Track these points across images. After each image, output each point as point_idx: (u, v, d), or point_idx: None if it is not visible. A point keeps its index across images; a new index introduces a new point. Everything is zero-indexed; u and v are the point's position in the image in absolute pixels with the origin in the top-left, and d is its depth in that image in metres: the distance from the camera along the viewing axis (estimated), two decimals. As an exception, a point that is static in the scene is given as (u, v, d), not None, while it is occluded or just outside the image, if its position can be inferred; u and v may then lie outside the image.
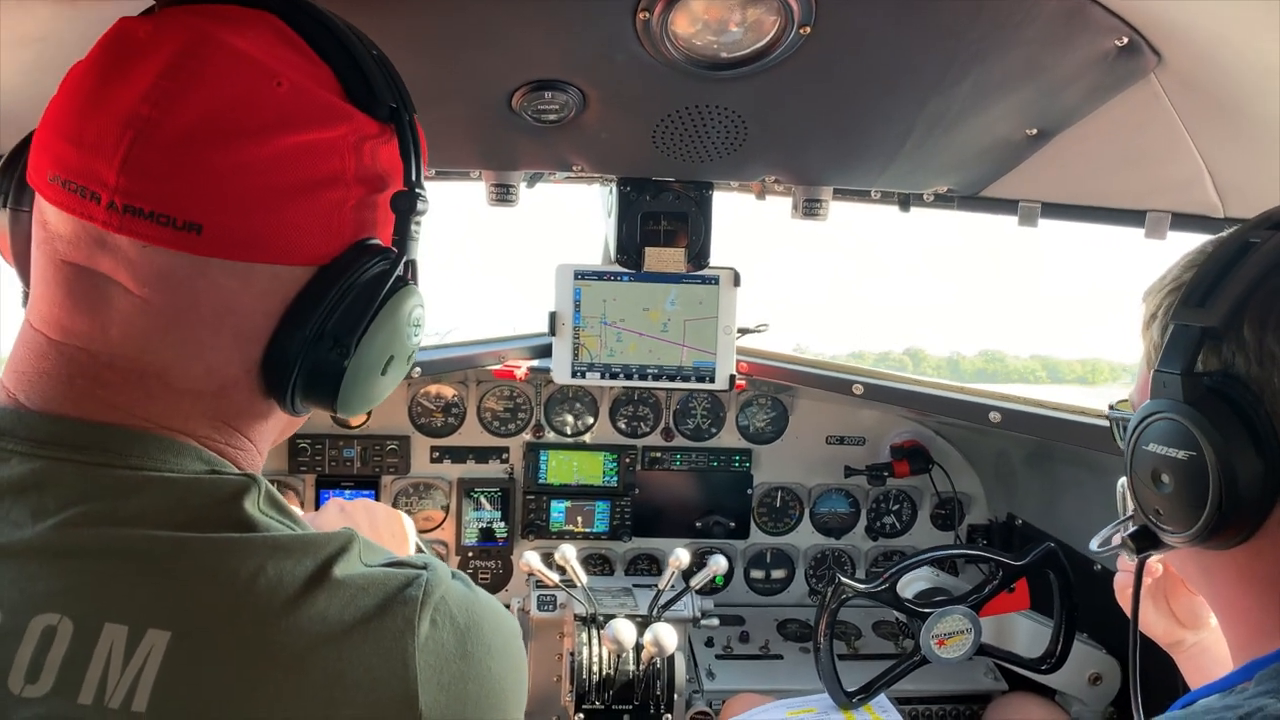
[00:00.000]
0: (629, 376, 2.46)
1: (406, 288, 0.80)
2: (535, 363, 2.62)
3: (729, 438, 2.91)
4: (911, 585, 2.40)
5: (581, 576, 2.28)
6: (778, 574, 3.00)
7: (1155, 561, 1.30)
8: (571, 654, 2.24)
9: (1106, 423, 2.20)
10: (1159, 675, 1.23)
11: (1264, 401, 0.76)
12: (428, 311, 0.86)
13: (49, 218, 0.73)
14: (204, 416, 0.76)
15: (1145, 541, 0.91)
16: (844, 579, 2.04)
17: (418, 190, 0.80)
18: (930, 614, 2.06)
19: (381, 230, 0.80)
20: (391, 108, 0.79)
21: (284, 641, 0.66)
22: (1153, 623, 1.32)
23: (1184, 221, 1.69)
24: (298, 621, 0.66)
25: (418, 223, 0.81)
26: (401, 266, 0.79)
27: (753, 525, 2.95)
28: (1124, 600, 1.32)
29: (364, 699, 0.66)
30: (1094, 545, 1.13)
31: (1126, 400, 0.99)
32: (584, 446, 2.86)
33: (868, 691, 2.09)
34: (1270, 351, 0.76)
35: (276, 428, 0.85)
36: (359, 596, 0.69)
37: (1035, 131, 1.59)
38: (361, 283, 0.76)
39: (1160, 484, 0.83)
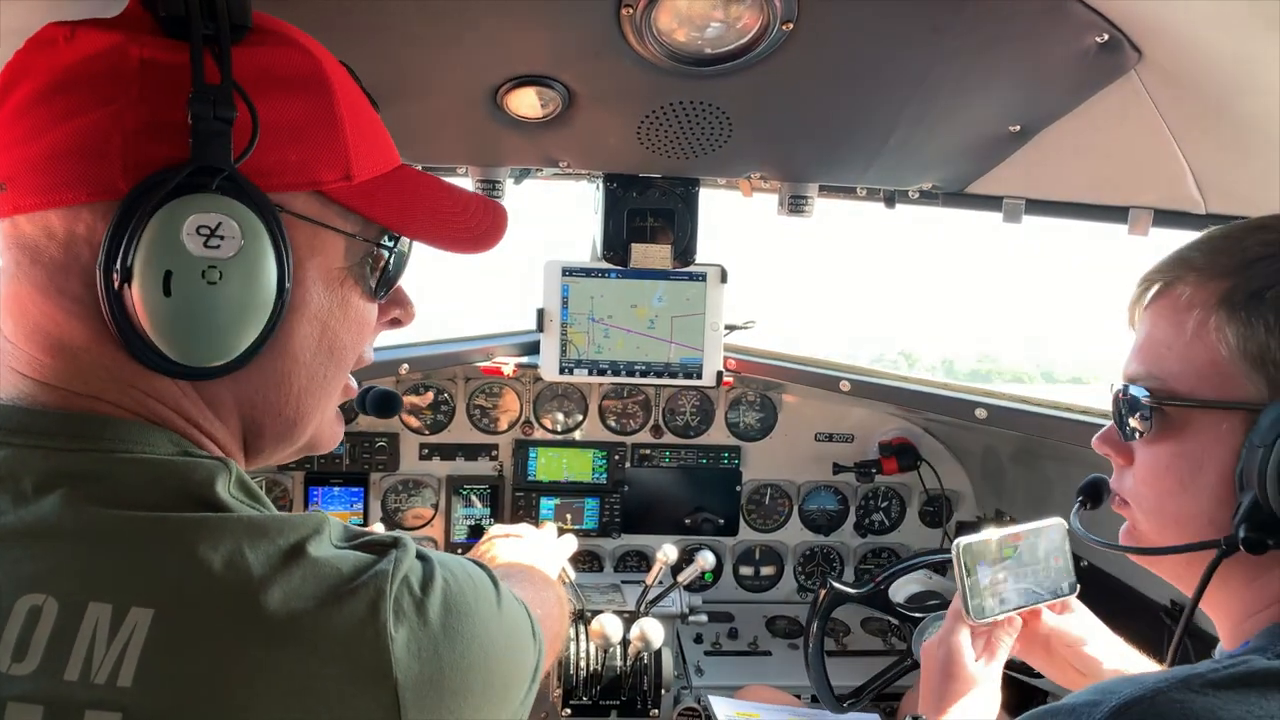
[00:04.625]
0: (616, 373, 2.46)
1: (186, 196, 0.72)
2: (523, 359, 2.62)
3: (718, 435, 2.91)
4: (904, 588, 2.39)
5: (570, 573, 2.27)
6: (766, 571, 3.00)
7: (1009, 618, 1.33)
8: (559, 650, 2.24)
9: (1092, 418, 2.20)
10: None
11: None
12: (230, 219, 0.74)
13: None
14: (118, 385, 0.76)
15: (1273, 536, 0.81)
16: (835, 584, 2.03)
17: (201, 90, 0.72)
18: (923, 618, 2.05)
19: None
20: (179, 20, 0.74)
21: (261, 616, 0.67)
22: (1058, 674, 1.34)
23: (1166, 218, 1.70)
24: (273, 597, 0.68)
25: (213, 126, 0.73)
26: (207, 176, 0.73)
27: (742, 522, 2.95)
28: (930, 663, 1.33)
29: (339, 669, 0.68)
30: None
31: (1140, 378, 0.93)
32: (573, 443, 2.86)
33: (859, 696, 2.08)
34: None
35: (225, 409, 0.82)
36: (332, 573, 0.71)
37: (1018, 128, 1.60)
38: (140, 199, 0.72)
39: None
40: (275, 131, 0.77)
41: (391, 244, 0.89)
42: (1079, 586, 1.39)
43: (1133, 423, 0.94)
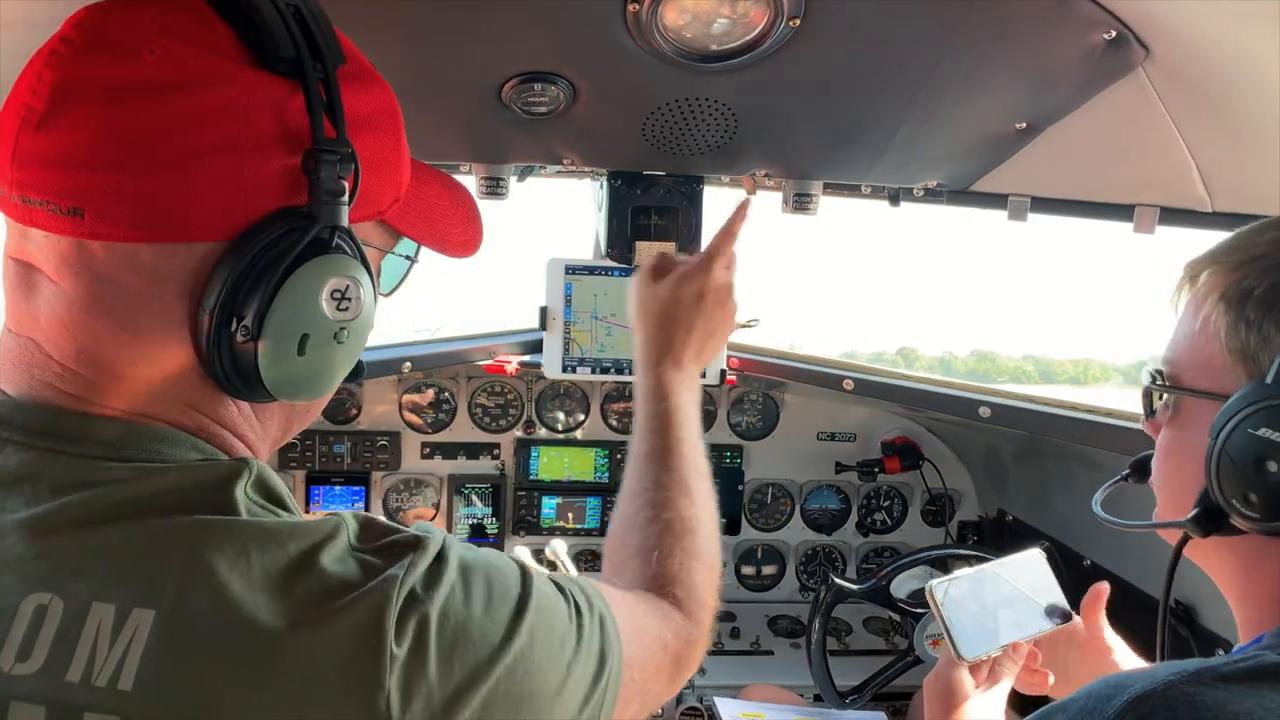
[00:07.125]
0: (619, 371, 2.46)
1: (320, 257, 0.73)
2: (526, 358, 2.61)
3: (720, 434, 2.91)
4: (905, 585, 2.40)
5: (572, 572, 2.27)
6: (768, 570, 3.00)
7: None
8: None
9: (1096, 417, 2.20)
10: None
11: None
12: (370, 285, 0.77)
13: None
14: (175, 405, 0.75)
15: (1212, 523, 0.86)
16: (837, 579, 2.04)
17: (325, 149, 0.72)
18: (924, 614, 2.05)
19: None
20: (292, 61, 0.72)
21: (264, 623, 0.66)
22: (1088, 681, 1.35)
23: (1172, 215, 1.69)
24: (277, 604, 0.66)
25: (338, 185, 0.73)
26: (328, 234, 0.73)
27: (744, 521, 2.95)
28: (931, 696, 1.35)
29: (336, 679, 0.66)
30: (1098, 508, 1.10)
31: (1162, 365, 0.95)
32: (575, 442, 2.86)
33: (860, 692, 2.08)
34: None
35: (271, 419, 0.84)
36: (337, 582, 0.69)
37: (1024, 125, 1.59)
38: (266, 255, 0.71)
39: (1265, 471, 0.80)
40: (361, 170, 0.77)
41: (414, 254, 0.93)
42: (1074, 615, 1.39)
43: (1153, 405, 0.97)
